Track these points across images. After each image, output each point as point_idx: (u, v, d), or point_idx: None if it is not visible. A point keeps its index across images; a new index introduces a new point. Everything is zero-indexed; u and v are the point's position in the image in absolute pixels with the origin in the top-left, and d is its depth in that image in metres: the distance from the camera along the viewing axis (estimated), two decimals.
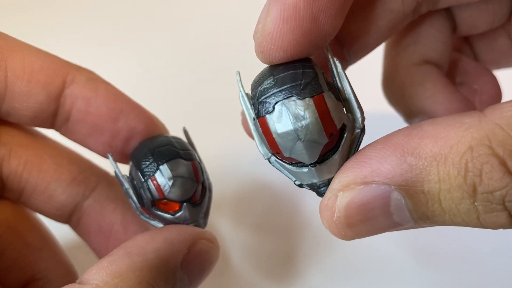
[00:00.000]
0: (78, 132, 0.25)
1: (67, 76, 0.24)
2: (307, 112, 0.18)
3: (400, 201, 0.17)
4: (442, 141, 0.17)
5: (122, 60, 0.41)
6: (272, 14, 0.19)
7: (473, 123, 0.17)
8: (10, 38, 0.24)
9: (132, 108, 0.25)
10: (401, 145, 0.17)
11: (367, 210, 0.18)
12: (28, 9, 0.44)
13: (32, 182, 0.25)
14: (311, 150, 0.19)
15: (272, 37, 0.19)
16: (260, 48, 0.20)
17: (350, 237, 0.19)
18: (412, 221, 0.18)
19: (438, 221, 0.18)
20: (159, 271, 0.20)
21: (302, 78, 0.19)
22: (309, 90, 0.18)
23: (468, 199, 0.16)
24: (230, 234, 0.32)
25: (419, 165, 0.17)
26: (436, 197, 0.17)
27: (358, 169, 0.18)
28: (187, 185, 0.23)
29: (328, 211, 0.18)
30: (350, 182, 0.18)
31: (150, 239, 0.21)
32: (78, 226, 0.26)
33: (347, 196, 0.18)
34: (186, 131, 0.26)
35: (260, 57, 0.20)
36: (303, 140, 0.18)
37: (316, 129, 0.18)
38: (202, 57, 0.40)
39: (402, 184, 0.17)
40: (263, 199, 0.33)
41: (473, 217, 0.17)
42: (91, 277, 0.19)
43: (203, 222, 0.24)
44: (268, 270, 0.31)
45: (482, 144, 0.16)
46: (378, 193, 0.18)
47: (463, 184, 0.16)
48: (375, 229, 0.19)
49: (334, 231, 0.19)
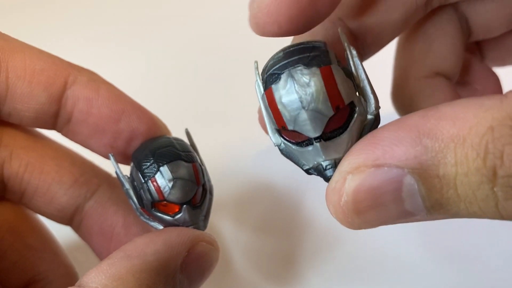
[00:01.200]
0: (79, 133, 0.25)
1: (68, 77, 0.24)
2: (313, 80, 0.18)
3: (413, 186, 0.16)
4: (461, 122, 0.16)
5: (124, 60, 0.41)
6: None
7: (494, 104, 0.16)
8: (11, 39, 0.24)
9: (134, 109, 0.25)
10: (416, 126, 0.16)
11: (377, 195, 0.17)
12: (29, 9, 0.44)
13: (33, 183, 0.25)
14: (315, 121, 0.18)
15: (269, 11, 0.19)
16: (254, 20, 0.19)
17: (357, 225, 0.18)
18: (425, 210, 0.17)
19: (452, 210, 0.16)
20: (158, 273, 0.20)
21: (311, 51, 0.19)
22: (316, 61, 0.18)
23: (487, 184, 0.15)
24: (231, 235, 0.32)
25: (435, 147, 0.16)
26: (452, 182, 0.16)
27: (370, 150, 0.17)
28: (187, 187, 0.22)
29: (335, 194, 0.17)
30: (360, 164, 0.17)
31: (150, 242, 0.21)
32: (79, 228, 0.26)
33: (357, 179, 0.17)
34: (188, 132, 0.26)
35: (254, 28, 0.19)
36: (307, 109, 0.18)
37: (321, 98, 0.18)
38: (205, 58, 0.40)
39: (416, 167, 0.16)
40: (264, 200, 0.33)
41: (492, 205, 0.16)
42: (90, 280, 0.19)
43: (203, 224, 0.24)
44: (269, 271, 0.31)
45: (504, 125, 0.15)
46: (390, 176, 0.16)
47: (482, 168, 0.15)
48: (384, 218, 0.17)
49: (340, 217, 0.18)
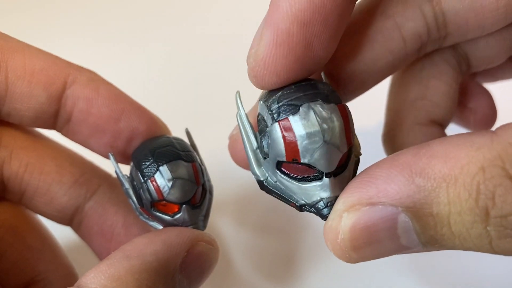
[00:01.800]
0: (79, 133, 0.25)
1: (68, 77, 0.24)
2: (334, 115, 0.18)
3: (408, 224, 0.17)
4: (452, 162, 0.16)
5: (124, 60, 0.41)
6: (265, 39, 0.19)
7: (484, 142, 0.16)
8: (10, 39, 0.24)
9: (134, 109, 0.25)
10: (408, 165, 0.17)
11: (373, 233, 0.17)
12: (29, 9, 0.44)
13: (33, 184, 0.25)
14: (332, 155, 0.18)
15: (265, 62, 0.19)
16: (253, 73, 0.20)
17: (355, 260, 0.18)
18: (420, 244, 0.17)
19: (448, 245, 0.17)
20: (158, 274, 0.20)
21: (323, 88, 0.19)
22: (332, 98, 0.19)
23: (480, 223, 0.16)
24: (231, 235, 0.32)
25: (428, 186, 0.16)
26: (445, 220, 0.16)
27: (364, 189, 0.17)
28: (186, 187, 0.22)
29: (332, 232, 0.18)
30: (355, 203, 0.17)
31: (149, 242, 0.21)
32: (79, 228, 0.26)
33: (352, 217, 0.17)
34: (189, 132, 0.26)
35: (253, 81, 0.20)
36: (328, 143, 0.18)
37: (340, 134, 0.18)
38: (206, 57, 0.40)
39: (410, 206, 0.16)
40: (264, 200, 0.32)
41: (485, 242, 0.16)
42: (89, 281, 0.19)
43: (203, 224, 0.23)
44: (270, 271, 0.31)
45: (495, 165, 0.15)
46: (384, 214, 0.17)
47: (475, 208, 0.15)
48: (381, 253, 0.18)
49: (338, 253, 0.18)
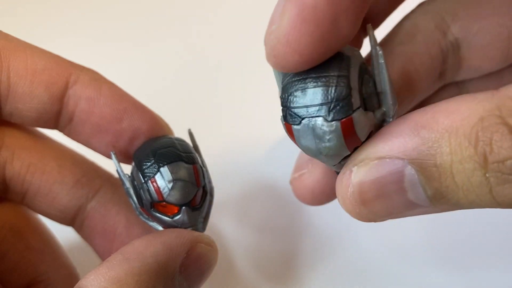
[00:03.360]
0: (81, 133, 0.25)
1: (70, 76, 0.24)
2: (332, 135, 0.18)
3: (414, 177, 0.17)
4: (455, 114, 0.16)
5: (127, 59, 0.41)
6: (289, 14, 0.17)
7: (485, 97, 0.16)
8: (12, 38, 0.24)
9: (137, 109, 0.25)
10: (415, 120, 0.17)
11: (381, 186, 0.18)
12: (31, 8, 0.44)
13: (35, 184, 0.25)
14: (332, 160, 0.19)
15: (288, 40, 0.17)
16: (273, 52, 0.18)
17: (365, 216, 0.19)
18: (427, 199, 0.17)
19: (453, 199, 0.17)
20: (158, 275, 0.20)
21: (333, 96, 0.18)
22: (337, 112, 0.18)
23: (479, 170, 0.16)
24: (232, 236, 0.32)
25: (431, 137, 0.17)
26: (448, 170, 0.16)
27: (374, 144, 0.18)
28: (187, 189, 0.22)
29: (342, 186, 0.18)
30: (364, 157, 0.18)
31: (148, 244, 0.21)
32: (81, 228, 0.26)
33: (361, 171, 0.18)
34: (191, 133, 0.26)
35: (272, 61, 0.18)
36: (325, 155, 0.19)
37: (340, 148, 0.18)
38: (210, 58, 0.40)
39: (415, 157, 0.17)
40: (266, 201, 0.33)
41: (486, 191, 0.16)
42: (89, 283, 0.19)
43: (202, 226, 0.23)
44: (270, 271, 0.30)
45: (493, 114, 0.16)
46: (391, 168, 0.17)
47: (474, 155, 0.16)
48: (390, 208, 0.18)
49: (349, 207, 0.19)
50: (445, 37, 0.23)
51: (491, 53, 0.24)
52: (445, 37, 0.23)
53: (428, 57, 0.23)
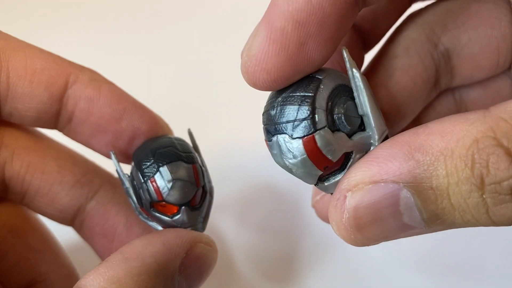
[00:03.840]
0: (81, 133, 0.25)
1: (69, 76, 0.24)
2: (296, 152, 0.19)
3: (409, 200, 0.17)
4: (449, 136, 0.17)
5: (127, 59, 0.41)
6: (259, 35, 0.19)
7: (478, 118, 0.17)
8: (12, 38, 0.24)
9: (136, 108, 0.25)
10: (408, 143, 0.17)
11: (376, 210, 0.18)
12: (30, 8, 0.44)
13: (35, 184, 0.25)
14: (306, 179, 0.19)
15: (257, 58, 0.19)
16: (244, 68, 0.19)
17: (360, 241, 0.18)
18: (423, 222, 0.17)
19: (448, 220, 0.17)
20: (157, 275, 0.20)
21: (296, 114, 0.19)
22: (301, 130, 0.19)
23: (476, 191, 0.16)
24: (233, 236, 0.32)
25: (427, 160, 0.17)
26: (445, 192, 0.17)
27: (366, 168, 0.18)
28: (186, 189, 0.22)
29: (337, 212, 0.18)
30: (358, 182, 0.18)
31: (148, 244, 0.21)
32: (81, 228, 0.26)
33: (356, 196, 0.18)
34: (191, 133, 0.25)
35: (245, 77, 0.20)
36: (296, 173, 0.19)
37: (307, 165, 0.19)
38: (210, 58, 0.40)
39: (410, 181, 0.17)
40: (266, 201, 0.33)
41: (483, 211, 0.16)
42: (88, 283, 0.19)
43: (202, 226, 0.23)
44: (271, 271, 0.30)
45: (487, 136, 0.16)
46: (387, 191, 0.17)
47: (471, 177, 0.16)
48: (385, 232, 0.18)
49: (343, 234, 0.18)
50: (436, 48, 0.24)
51: (481, 63, 0.24)
52: (436, 48, 0.24)
53: (423, 68, 0.24)
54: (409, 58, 0.24)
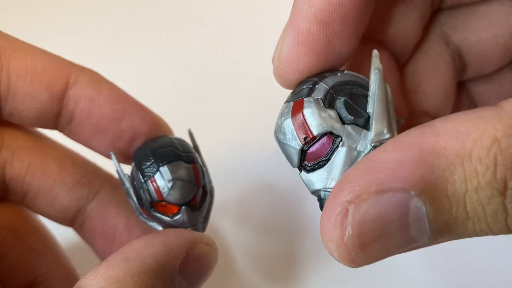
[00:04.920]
0: (81, 133, 0.25)
1: (70, 77, 0.24)
2: (285, 114, 0.19)
3: (421, 210, 0.15)
4: (464, 136, 0.15)
5: (127, 60, 0.41)
6: (287, 39, 0.20)
7: (492, 115, 0.15)
8: (12, 39, 0.24)
9: (136, 109, 0.25)
10: (416, 145, 0.15)
11: (383, 224, 0.16)
12: (31, 8, 0.44)
13: (35, 185, 0.25)
14: (288, 154, 0.19)
15: (288, 61, 0.20)
16: (277, 72, 0.21)
17: (360, 261, 0.16)
18: (430, 234, 0.16)
19: (459, 230, 0.16)
20: (157, 276, 0.20)
21: (302, 84, 0.20)
22: (297, 95, 0.20)
23: (498, 197, 0.15)
24: (233, 236, 0.31)
25: (442, 164, 0.15)
26: (461, 200, 0.15)
27: (371, 175, 0.16)
28: (186, 189, 0.22)
29: (337, 229, 0.16)
30: (362, 192, 0.15)
31: (148, 244, 0.21)
32: (81, 229, 0.26)
33: (361, 209, 0.15)
34: (191, 133, 0.25)
35: (278, 80, 0.21)
36: (280, 142, 0.19)
37: (288, 130, 0.19)
38: (210, 58, 0.40)
39: (423, 188, 0.15)
40: (266, 202, 0.32)
41: (501, 219, 0.15)
42: (88, 283, 0.19)
43: (202, 226, 0.23)
44: (271, 272, 0.30)
45: (509, 135, 0.15)
46: (396, 201, 0.15)
47: (493, 181, 0.15)
48: (389, 249, 0.16)
49: (342, 254, 0.16)
50: (449, 46, 0.25)
51: (490, 60, 0.25)
52: (449, 47, 0.25)
53: (446, 66, 0.25)
54: (431, 59, 0.25)
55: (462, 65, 0.25)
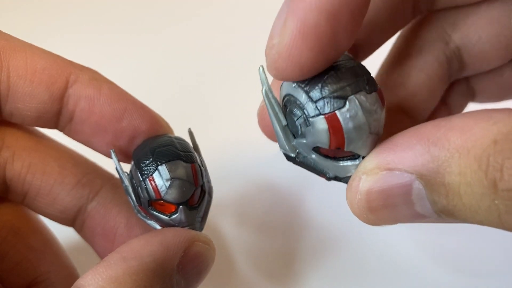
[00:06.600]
0: (81, 132, 0.25)
1: (70, 76, 0.24)
2: (376, 105, 0.19)
3: (422, 191, 0.17)
4: (468, 134, 0.16)
5: (127, 59, 0.41)
6: (290, 29, 0.18)
7: (502, 118, 0.16)
8: (12, 38, 0.24)
9: (136, 108, 0.25)
10: (427, 135, 0.17)
11: (388, 197, 0.18)
12: (30, 8, 0.44)
13: (36, 184, 0.25)
14: (372, 143, 0.19)
15: (290, 54, 0.18)
16: (274, 65, 0.19)
17: (373, 221, 0.19)
18: (434, 213, 0.17)
19: (460, 216, 0.17)
20: (155, 274, 0.20)
21: (362, 73, 0.19)
22: (372, 84, 0.19)
23: (488, 196, 0.16)
24: (232, 235, 0.31)
25: (441, 156, 0.16)
26: (456, 191, 0.16)
27: (384, 154, 0.18)
28: (184, 188, 0.22)
29: (351, 192, 0.19)
30: (374, 167, 0.18)
31: (146, 243, 0.21)
32: (82, 229, 0.26)
33: (370, 180, 0.18)
34: (191, 132, 0.25)
35: (273, 73, 0.19)
36: (372, 133, 0.19)
37: (382, 123, 0.19)
38: (210, 57, 0.40)
39: (424, 174, 0.17)
40: (265, 201, 0.32)
41: (494, 216, 0.16)
42: (87, 283, 0.19)
43: (200, 225, 0.23)
44: (270, 271, 0.30)
45: (507, 139, 0.15)
46: (400, 180, 0.17)
47: (483, 179, 0.16)
48: (397, 217, 0.18)
49: (356, 212, 0.19)
50: (448, 46, 0.25)
51: (491, 58, 0.25)
52: (448, 46, 0.25)
53: (437, 66, 0.24)
54: (423, 57, 0.24)
55: (461, 64, 0.25)
